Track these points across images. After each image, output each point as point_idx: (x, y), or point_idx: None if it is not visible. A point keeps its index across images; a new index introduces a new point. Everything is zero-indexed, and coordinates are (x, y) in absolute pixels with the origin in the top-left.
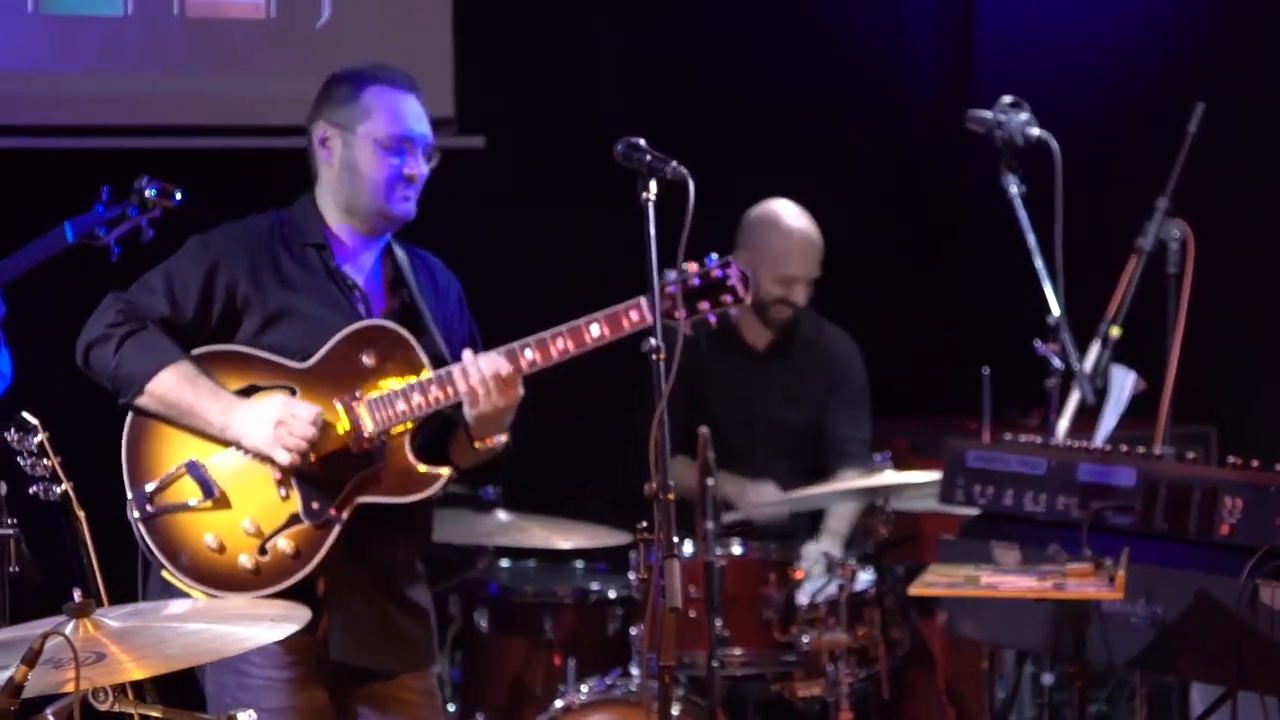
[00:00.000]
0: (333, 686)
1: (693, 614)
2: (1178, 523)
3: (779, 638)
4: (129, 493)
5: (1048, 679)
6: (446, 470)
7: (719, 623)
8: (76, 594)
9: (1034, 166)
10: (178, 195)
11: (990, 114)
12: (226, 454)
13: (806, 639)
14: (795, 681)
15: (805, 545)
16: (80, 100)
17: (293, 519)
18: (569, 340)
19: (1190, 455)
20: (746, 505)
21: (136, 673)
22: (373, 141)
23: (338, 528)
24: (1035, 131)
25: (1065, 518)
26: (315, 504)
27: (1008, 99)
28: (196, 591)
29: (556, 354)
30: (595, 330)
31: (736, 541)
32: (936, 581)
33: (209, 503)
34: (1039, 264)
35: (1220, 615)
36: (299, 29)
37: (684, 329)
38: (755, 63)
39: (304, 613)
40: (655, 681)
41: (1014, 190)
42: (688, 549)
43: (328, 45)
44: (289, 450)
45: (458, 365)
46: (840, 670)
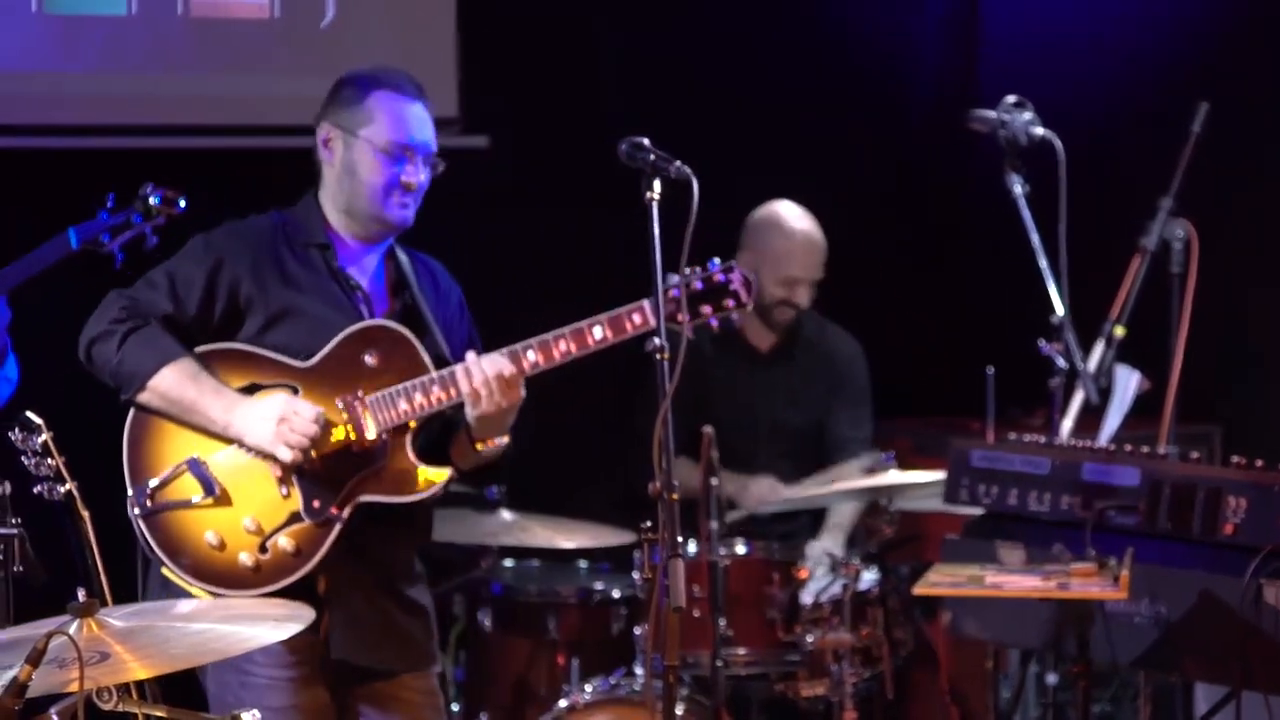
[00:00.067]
0: (334, 686)
1: (696, 613)
2: (1182, 522)
3: (783, 637)
4: (129, 489)
5: (1052, 679)
6: (448, 471)
7: (723, 622)
8: (80, 593)
9: (1036, 166)
10: (182, 203)
11: (994, 113)
12: (228, 451)
13: (810, 639)
14: (799, 681)
15: (808, 544)
16: (83, 100)
17: (293, 517)
18: (571, 342)
19: (1194, 455)
20: (748, 501)
21: (140, 672)
22: (373, 146)
23: (338, 526)
24: (1039, 131)
25: (1069, 517)
26: (316, 502)
27: (1012, 99)
28: (196, 589)
29: (559, 356)
30: (598, 332)
31: (740, 541)
32: (940, 581)
33: (210, 500)
34: (1043, 263)
35: (1224, 615)
36: (303, 29)
37: (686, 332)
38: (757, 63)
39: (308, 612)
40: (659, 681)
41: (1018, 190)
42: (691, 548)
43: (332, 45)
44: (291, 447)
45: (460, 366)
46: (844, 670)
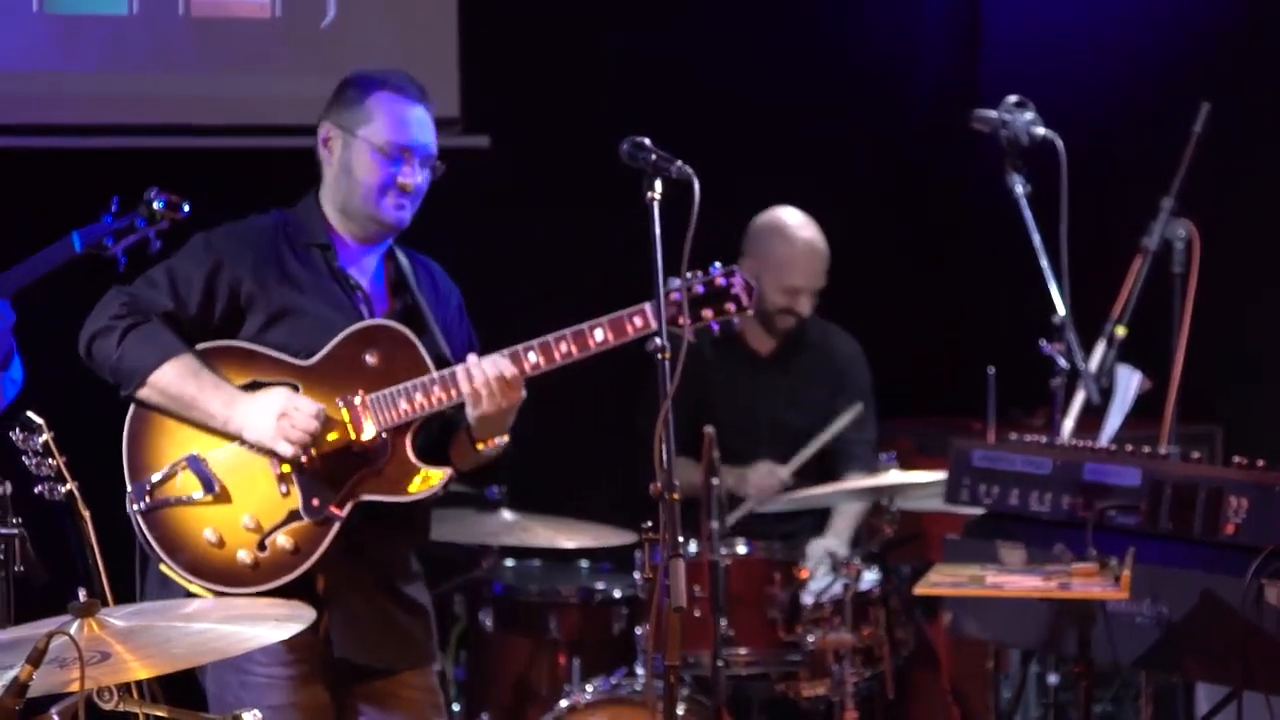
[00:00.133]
0: (334, 684)
1: (697, 613)
2: (1183, 522)
3: (784, 637)
4: (129, 486)
5: (1053, 679)
6: (447, 471)
7: (724, 622)
8: (81, 593)
9: (1037, 166)
10: (186, 208)
11: (995, 113)
12: (228, 449)
13: (811, 638)
14: (800, 681)
15: (810, 543)
16: (84, 100)
17: (292, 515)
18: (573, 344)
19: (1195, 455)
20: (749, 490)
21: (141, 672)
22: (370, 146)
23: (337, 525)
24: (1040, 131)
25: (1070, 517)
26: (315, 501)
27: (1013, 98)
28: (195, 586)
29: (560, 357)
30: (599, 335)
31: (741, 541)
32: (941, 581)
33: (209, 497)
34: (1044, 263)
35: (1225, 615)
36: (304, 28)
37: (687, 335)
38: (757, 63)
39: (309, 612)
40: (660, 681)
41: (1019, 190)
42: (692, 548)
43: (333, 45)
44: (292, 443)
45: (461, 366)
46: (845, 670)
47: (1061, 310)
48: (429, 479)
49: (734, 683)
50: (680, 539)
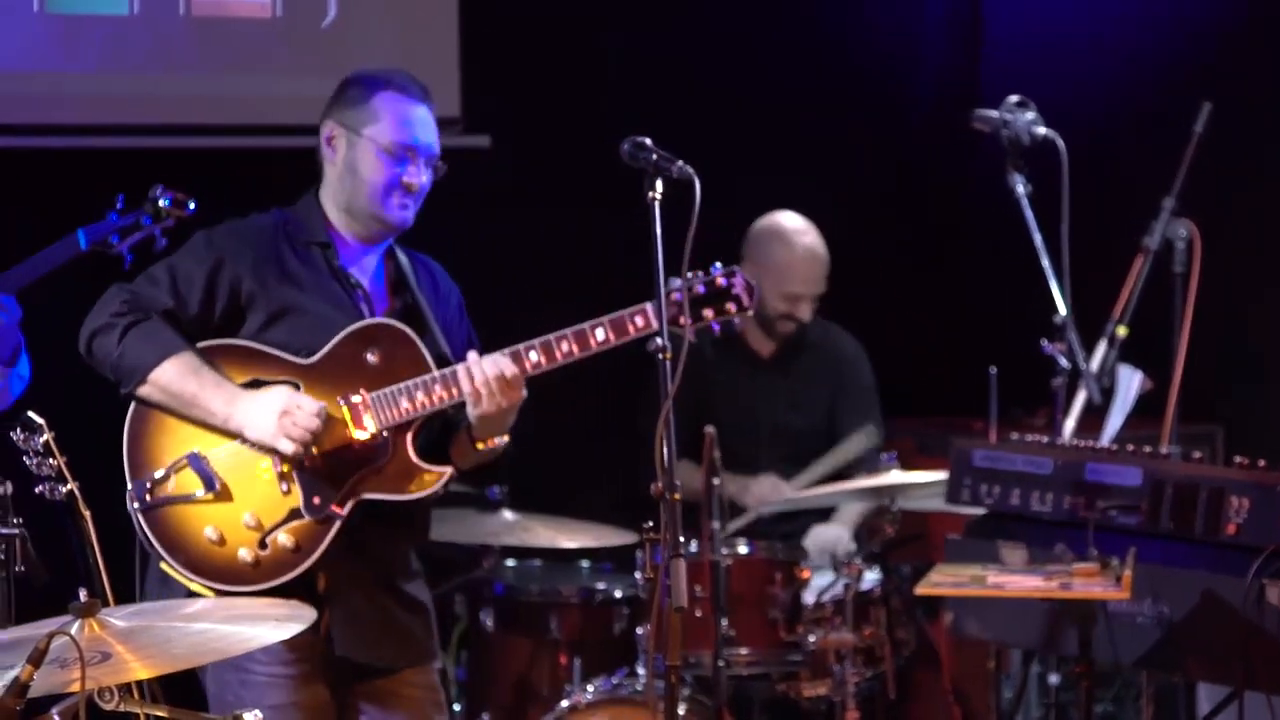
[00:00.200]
0: (335, 683)
1: (699, 613)
2: (1184, 522)
3: (785, 637)
4: (129, 483)
5: (1054, 679)
6: (448, 470)
7: (725, 622)
8: (82, 593)
9: (1037, 166)
10: (191, 205)
11: (997, 113)
12: (229, 447)
13: (813, 638)
14: (801, 681)
15: (815, 527)
16: (85, 99)
17: (293, 513)
18: (574, 343)
19: (1197, 455)
20: (750, 501)
21: (142, 672)
22: (376, 146)
23: (338, 523)
24: (1041, 131)
25: (1072, 517)
26: (317, 499)
27: (1014, 98)
28: (195, 584)
29: (561, 357)
30: (600, 334)
31: (742, 541)
32: (943, 581)
33: (210, 495)
34: (1045, 263)
35: (1226, 615)
36: (305, 28)
37: (688, 336)
38: (757, 63)
39: (309, 612)
40: (661, 681)
41: (1020, 190)
42: (693, 548)
43: (333, 45)
44: (293, 441)
45: (462, 365)
46: (846, 670)
47: (1063, 310)
48: (430, 478)
49: (735, 683)
50: (681, 539)
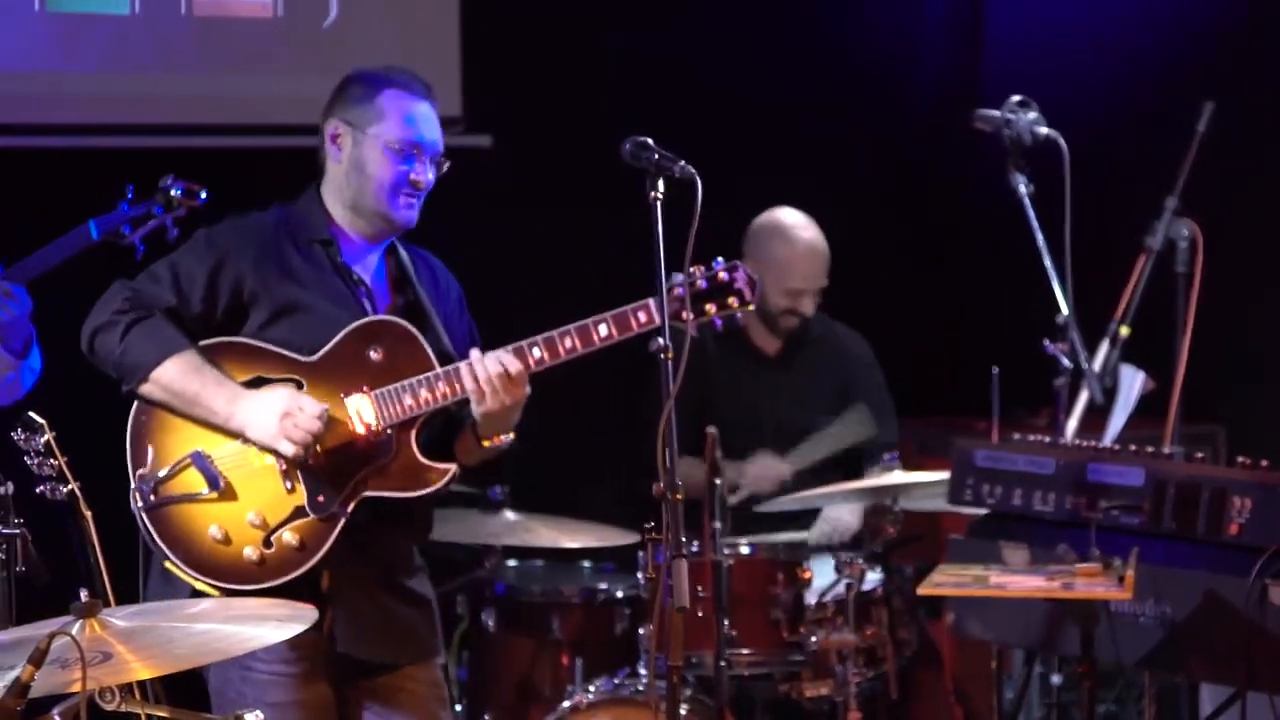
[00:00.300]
0: (337, 681)
1: (700, 614)
2: (1186, 522)
3: (787, 637)
4: (133, 482)
5: (1056, 679)
6: (452, 467)
7: (727, 622)
8: (83, 594)
9: (1038, 166)
10: (203, 194)
11: (998, 113)
12: (232, 445)
13: (815, 639)
14: (803, 681)
15: (825, 510)
16: (86, 99)
17: (298, 512)
18: (577, 339)
19: (1199, 455)
20: (747, 480)
21: (143, 673)
22: (382, 143)
23: (342, 521)
24: (1043, 130)
25: (1074, 517)
26: (321, 497)
27: (1016, 98)
28: (200, 583)
29: (564, 352)
30: (604, 330)
31: (744, 542)
32: (945, 581)
33: (214, 494)
34: (1048, 263)
35: (1229, 615)
36: (306, 28)
37: (690, 330)
38: (757, 63)
39: (310, 613)
40: (663, 681)
41: (1022, 190)
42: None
43: (335, 44)
44: (294, 442)
45: (465, 362)
46: (848, 670)
47: (1065, 310)
48: (434, 475)
49: (737, 683)
50: (683, 539)
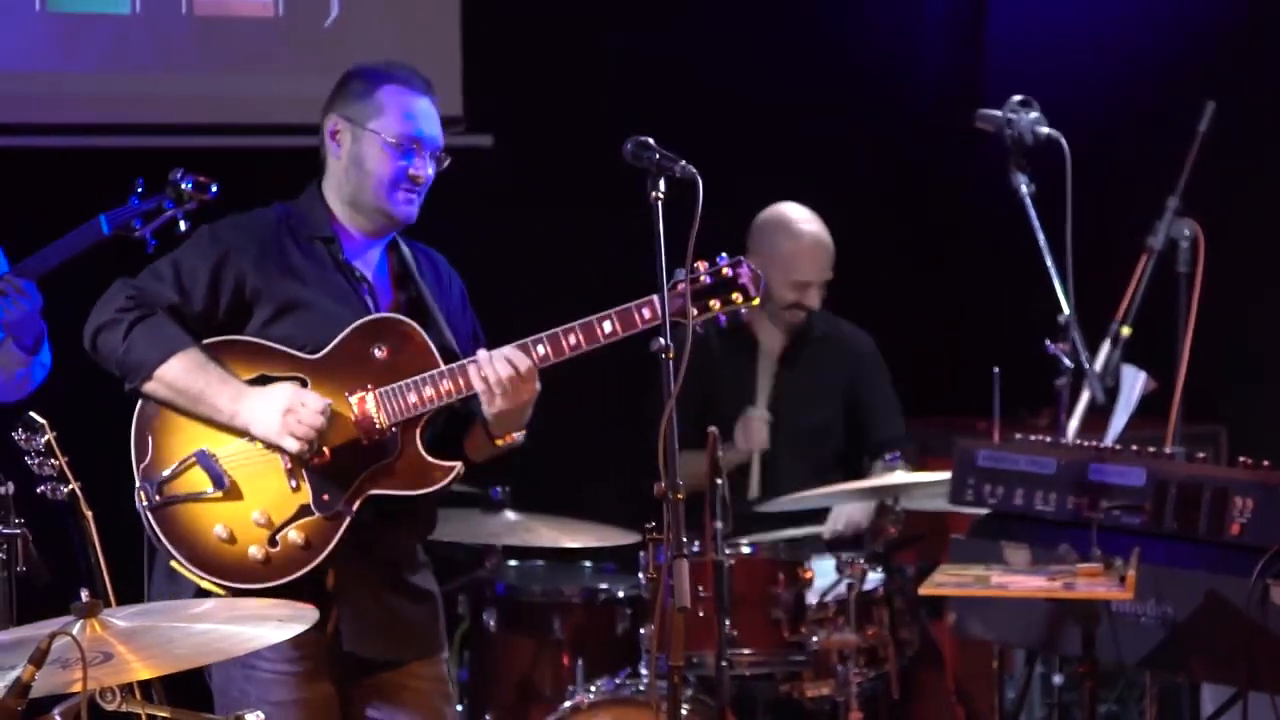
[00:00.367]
0: (340, 679)
1: (701, 614)
2: (1188, 522)
3: (788, 637)
4: (137, 481)
5: (1058, 679)
6: (458, 464)
7: (728, 622)
8: (84, 594)
9: (1039, 166)
10: (213, 188)
11: (1000, 113)
12: (237, 444)
13: (816, 639)
14: (804, 681)
15: (837, 506)
16: (86, 99)
17: (303, 510)
18: (581, 336)
19: (1200, 455)
20: (739, 441)
21: (144, 673)
22: (382, 139)
23: (348, 520)
24: (1045, 130)
25: (1075, 517)
26: (326, 495)
27: (1017, 98)
28: (206, 582)
29: (569, 349)
30: (608, 326)
31: (745, 541)
32: (946, 581)
33: (219, 493)
34: (1049, 263)
35: (1231, 615)
36: (307, 27)
37: (695, 326)
38: (757, 63)
39: (311, 613)
40: (664, 681)
41: (1024, 189)
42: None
43: (335, 44)
44: (298, 439)
45: (473, 363)
46: (849, 670)
47: (1066, 310)
48: (439, 473)
49: (738, 683)
50: (684, 539)
